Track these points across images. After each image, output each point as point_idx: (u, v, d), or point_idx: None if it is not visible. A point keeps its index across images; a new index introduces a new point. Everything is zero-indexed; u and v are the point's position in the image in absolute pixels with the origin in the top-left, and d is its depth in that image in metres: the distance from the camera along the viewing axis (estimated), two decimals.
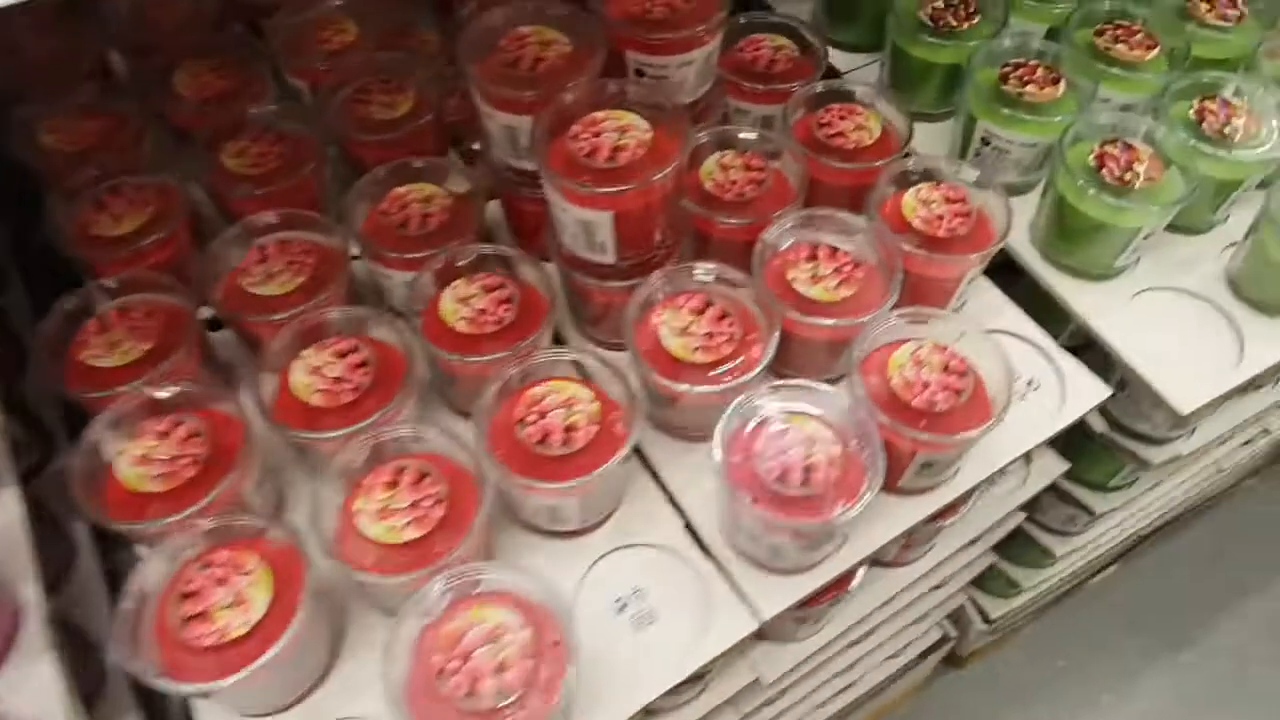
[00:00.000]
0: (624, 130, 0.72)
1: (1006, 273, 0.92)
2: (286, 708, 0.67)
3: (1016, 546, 1.18)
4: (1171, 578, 1.66)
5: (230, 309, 0.77)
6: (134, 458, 0.68)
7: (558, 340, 0.86)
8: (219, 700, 0.67)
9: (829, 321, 0.74)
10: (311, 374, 0.72)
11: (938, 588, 1.05)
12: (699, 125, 0.88)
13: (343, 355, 0.73)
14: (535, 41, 0.77)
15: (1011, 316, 0.88)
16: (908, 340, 0.74)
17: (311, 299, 0.76)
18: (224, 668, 0.59)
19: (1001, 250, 0.83)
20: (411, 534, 0.63)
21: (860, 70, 1.09)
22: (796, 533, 0.68)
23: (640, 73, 0.82)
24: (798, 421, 0.70)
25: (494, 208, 0.93)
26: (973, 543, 0.99)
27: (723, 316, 0.74)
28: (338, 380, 0.71)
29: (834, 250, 0.78)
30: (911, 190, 0.83)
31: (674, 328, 0.74)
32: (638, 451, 0.80)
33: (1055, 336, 0.95)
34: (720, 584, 0.73)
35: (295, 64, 0.95)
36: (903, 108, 0.89)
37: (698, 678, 0.74)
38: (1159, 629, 1.62)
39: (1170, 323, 0.89)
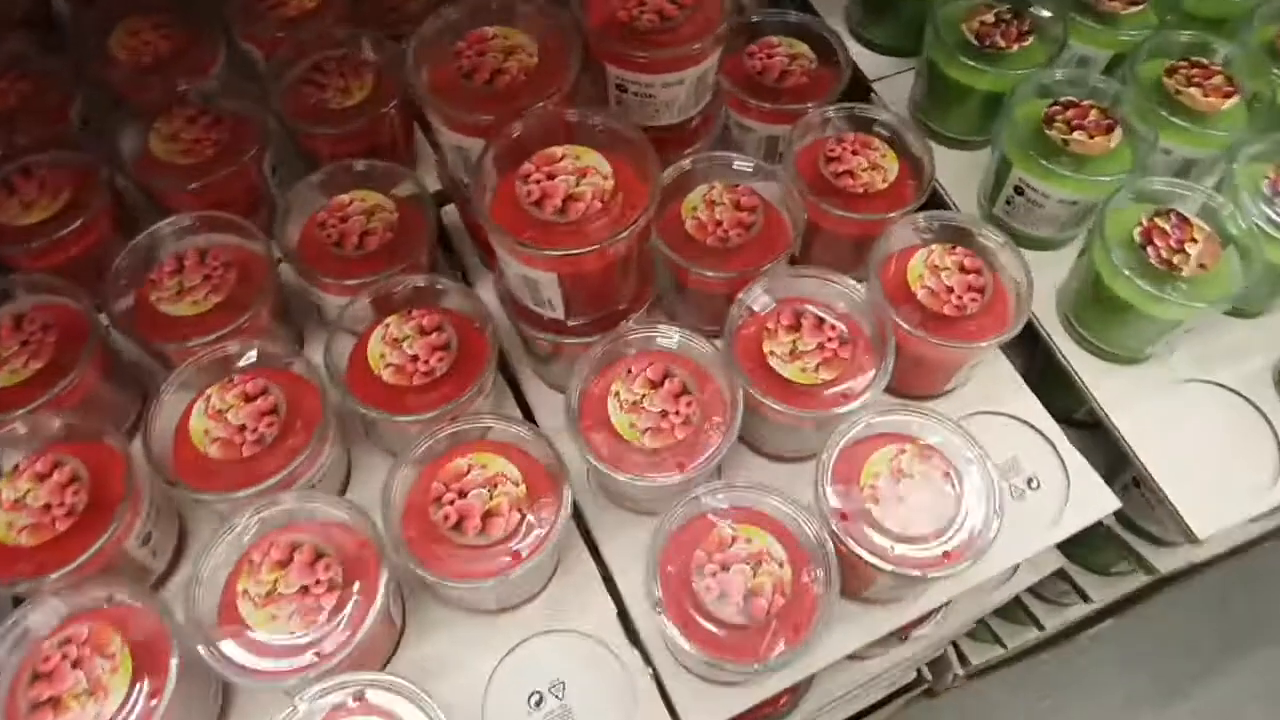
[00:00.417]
0: (582, 175, 0.61)
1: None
2: None
3: (1004, 607, 1.09)
4: (1171, 622, 1.58)
5: (137, 330, 0.69)
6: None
7: (503, 366, 0.78)
8: None
9: (798, 412, 0.64)
10: (213, 418, 0.64)
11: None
12: (689, 146, 0.77)
13: (249, 399, 0.65)
14: (498, 49, 0.66)
15: (1020, 398, 0.78)
16: (887, 441, 0.64)
17: (230, 322, 0.68)
18: None
19: None
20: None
21: (891, 79, 0.96)
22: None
23: (622, 88, 0.70)
24: (747, 533, 0.61)
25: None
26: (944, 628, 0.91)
27: (681, 393, 0.65)
28: (241, 428, 0.64)
29: (821, 321, 0.68)
30: (922, 251, 0.72)
31: (624, 401, 0.65)
32: (578, 519, 0.72)
33: (1071, 411, 0.85)
34: (647, 690, 0.66)
35: (248, 27, 0.84)
36: (926, 144, 0.77)
37: None
38: (1153, 675, 1.54)
39: (1202, 423, 0.78)
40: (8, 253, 0.72)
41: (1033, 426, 0.77)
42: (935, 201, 0.86)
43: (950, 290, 0.70)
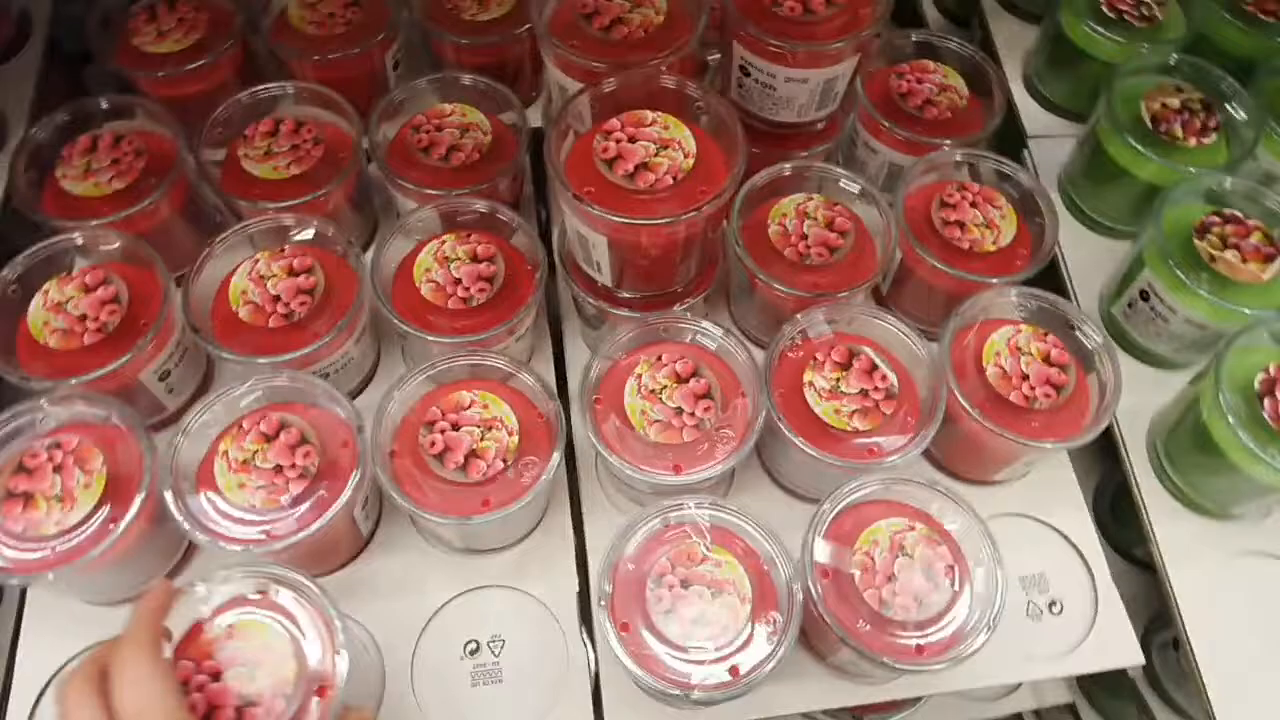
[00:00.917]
0: (665, 145, 0.58)
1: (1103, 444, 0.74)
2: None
3: None
4: None
5: (220, 180, 0.71)
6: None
7: (554, 321, 0.77)
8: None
9: (815, 452, 0.60)
10: (255, 281, 0.65)
11: None
12: (802, 150, 0.73)
13: (292, 273, 0.66)
14: (630, 1, 0.64)
15: (1072, 514, 0.71)
16: (899, 512, 0.60)
17: (302, 194, 0.69)
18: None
19: None
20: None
21: (1052, 140, 0.87)
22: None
23: (745, 71, 0.67)
24: (721, 556, 0.58)
25: None
26: None
27: (703, 396, 0.62)
28: (275, 299, 0.64)
29: (873, 368, 0.63)
30: (1009, 328, 0.66)
31: (644, 386, 0.62)
32: (573, 489, 0.70)
33: (1129, 545, 0.78)
34: (581, 675, 0.64)
35: None
36: (1055, 218, 0.70)
37: None
38: None
39: (1268, 607, 0.69)
40: (133, 74, 0.75)
41: (1076, 548, 0.70)
42: (1052, 278, 0.79)
43: (1025, 378, 0.64)
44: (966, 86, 0.77)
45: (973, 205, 0.71)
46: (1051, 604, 0.68)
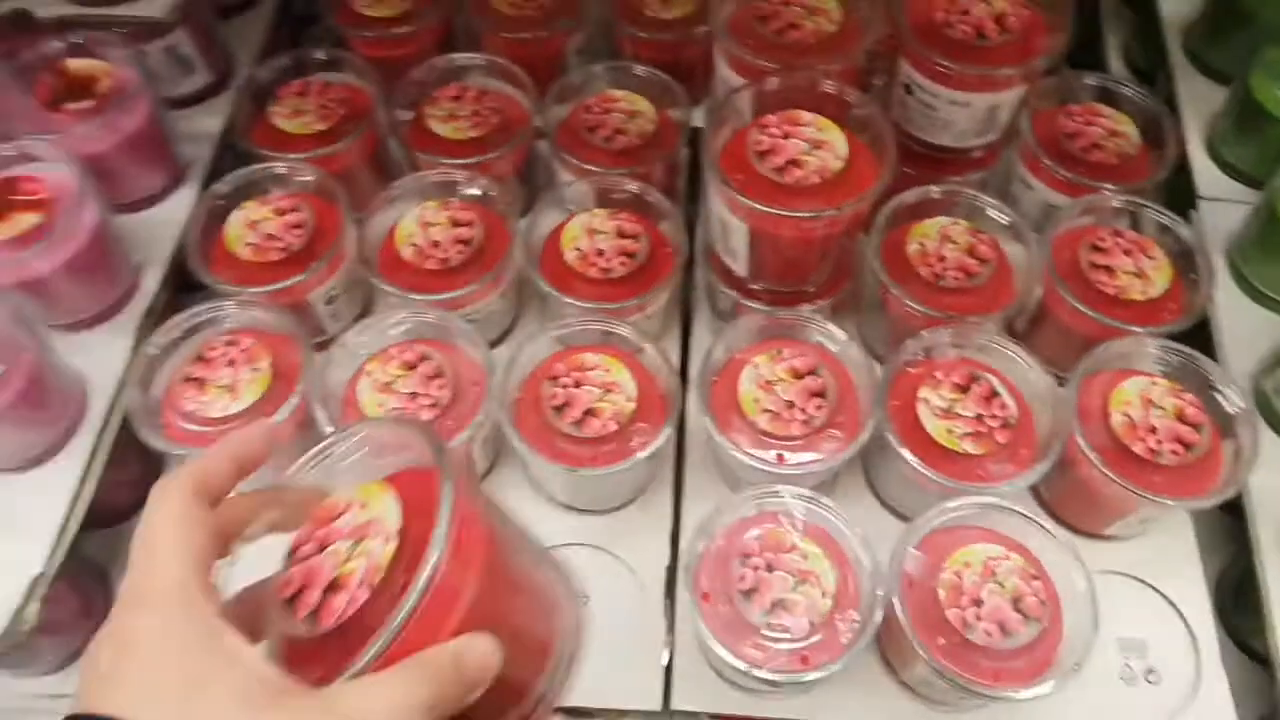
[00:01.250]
0: (817, 146, 0.61)
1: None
2: None
3: None
4: None
5: (405, 135, 0.78)
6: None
7: (686, 308, 0.80)
8: None
9: (920, 466, 0.60)
10: (421, 226, 0.71)
11: None
12: (956, 175, 0.73)
13: (455, 224, 0.72)
14: (803, 6, 0.66)
15: (1187, 585, 0.68)
16: (998, 540, 0.59)
17: (475, 154, 0.75)
18: None
19: None
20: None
21: (1225, 205, 0.84)
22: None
23: (909, 89, 0.68)
24: (809, 549, 0.59)
25: None
26: None
27: (818, 394, 0.63)
28: (435, 244, 0.70)
29: (993, 395, 0.63)
30: (1144, 379, 0.64)
31: (760, 375, 0.64)
32: (679, 465, 0.73)
33: (1247, 634, 0.73)
34: (656, 648, 0.66)
35: None
36: (1212, 278, 0.68)
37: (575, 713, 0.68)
38: None
39: None
40: (346, 32, 0.83)
41: (1184, 620, 0.67)
42: (1201, 341, 0.76)
43: (1153, 430, 0.62)
44: (1139, 136, 0.76)
45: (1125, 253, 0.69)
46: (1149, 672, 0.65)
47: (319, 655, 0.34)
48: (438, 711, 0.32)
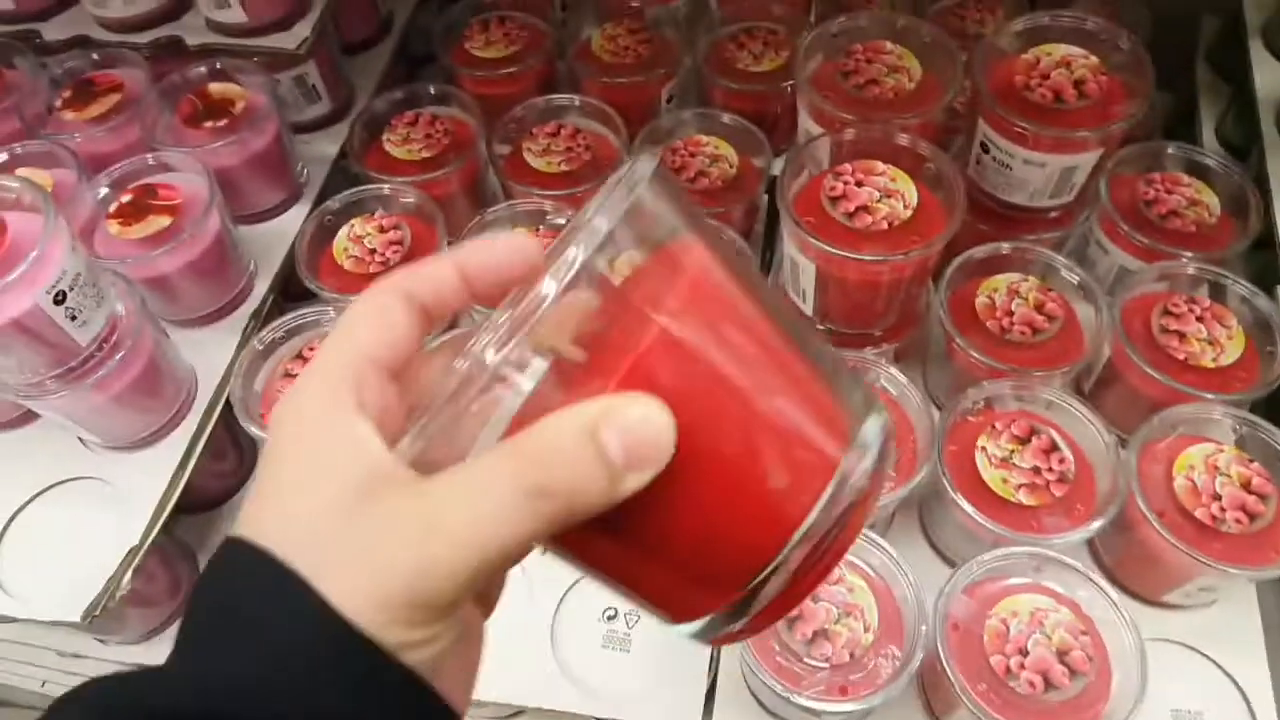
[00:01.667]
0: (889, 195, 0.63)
1: None
2: None
3: None
4: None
5: (504, 168, 0.83)
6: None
7: None
8: None
9: (973, 512, 0.61)
10: None
11: None
12: (1029, 234, 0.75)
13: None
14: (886, 64, 0.70)
15: (1250, 662, 0.66)
16: (1048, 594, 0.59)
17: (566, 187, 0.79)
18: None
19: None
20: None
21: None
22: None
23: (985, 148, 0.70)
24: (854, 582, 0.60)
25: None
26: None
27: None
28: None
29: (1053, 449, 0.64)
30: (1210, 446, 0.64)
31: None
32: None
33: None
34: (701, 670, 0.67)
35: None
36: None
37: None
38: None
39: None
40: (457, 71, 0.90)
41: (1245, 697, 0.65)
42: (1274, 411, 0.75)
43: (1216, 498, 0.62)
44: (1220, 206, 0.76)
45: (1199, 319, 0.69)
46: None
47: None
48: (558, 503, 0.23)
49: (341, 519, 0.24)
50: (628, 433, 0.23)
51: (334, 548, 0.24)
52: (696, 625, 0.27)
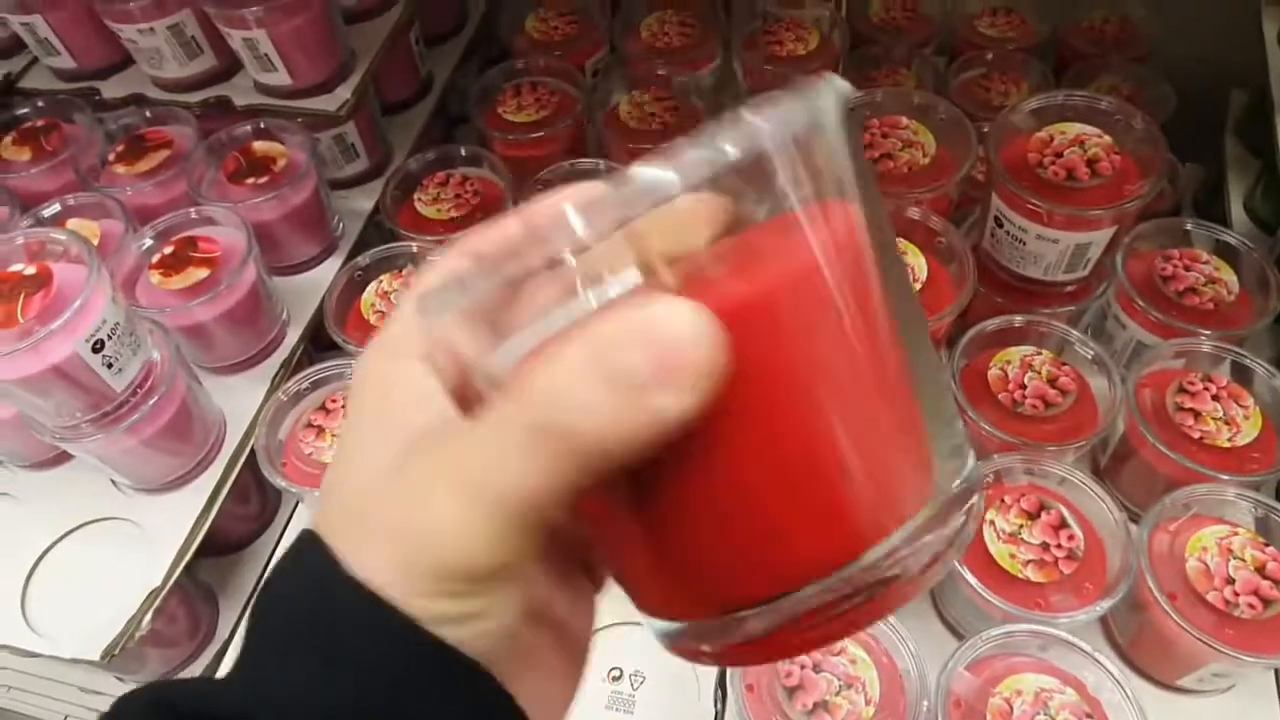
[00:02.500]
0: None
1: None
2: None
3: None
4: None
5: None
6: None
7: None
8: None
9: (979, 587, 0.61)
10: None
11: None
12: (1044, 308, 0.75)
13: None
14: (900, 139, 0.71)
15: None
16: (1054, 673, 0.58)
17: None
18: None
19: None
20: None
21: None
22: None
23: (999, 223, 0.71)
24: (857, 654, 0.60)
25: None
26: None
27: None
28: None
29: (1062, 525, 0.63)
30: (1224, 528, 0.63)
31: None
32: None
33: None
34: None
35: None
36: None
37: None
38: None
39: None
40: (490, 133, 0.93)
41: None
42: None
43: (1230, 581, 0.61)
44: (1239, 284, 0.76)
45: (1214, 398, 0.69)
46: None
47: None
48: (574, 443, 0.20)
49: (387, 482, 0.22)
50: (660, 344, 0.19)
51: (373, 516, 0.22)
52: (665, 625, 0.25)
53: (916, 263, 0.64)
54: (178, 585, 0.75)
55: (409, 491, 0.22)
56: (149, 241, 0.82)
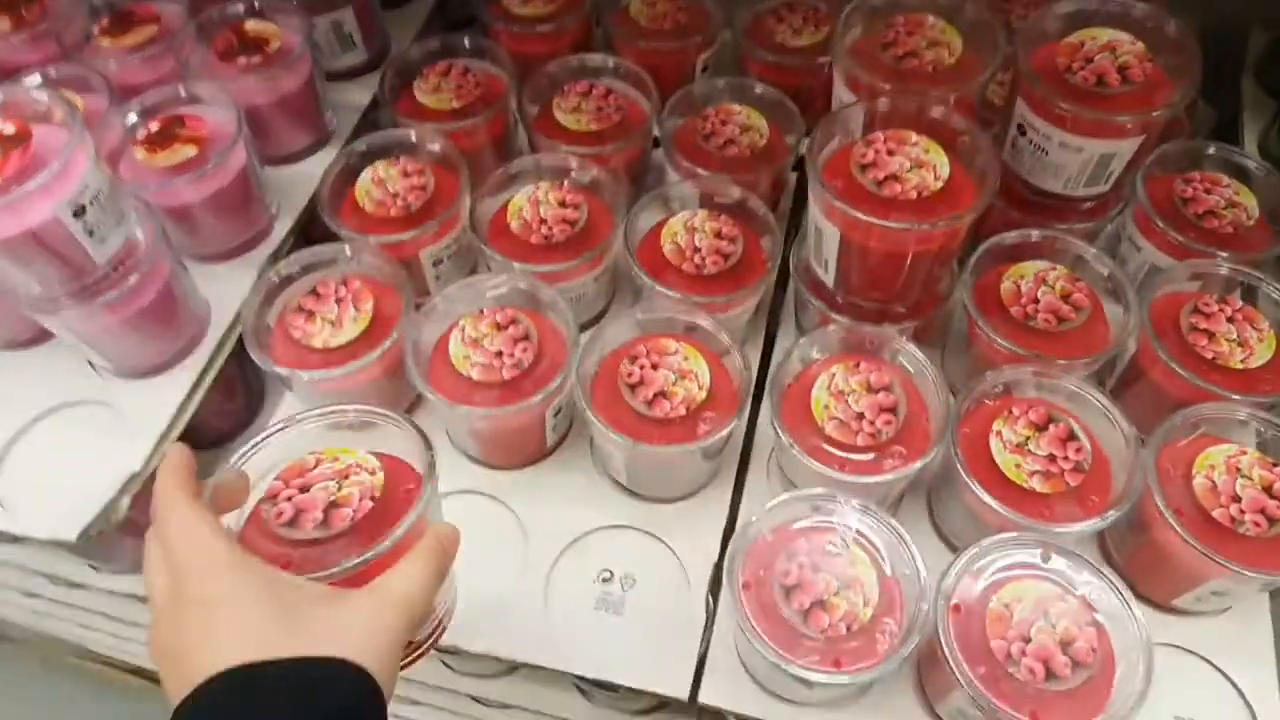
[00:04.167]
0: (920, 165, 0.62)
1: None
2: None
3: None
4: None
5: (533, 122, 0.83)
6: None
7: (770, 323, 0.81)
8: None
9: (982, 494, 0.59)
10: (533, 203, 0.76)
11: None
12: (1061, 223, 0.73)
13: (561, 204, 0.75)
14: (926, 36, 0.68)
15: (1256, 671, 0.64)
16: (1053, 584, 0.58)
17: (593, 145, 0.79)
18: None
19: None
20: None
21: None
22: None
23: (1022, 130, 0.69)
24: (856, 556, 0.59)
25: None
26: None
27: (886, 410, 0.63)
28: (543, 221, 0.74)
29: (1070, 437, 0.62)
30: (1232, 448, 0.62)
31: (834, 387, 0.65)
32: (741, 467, 0.74)
33: None
34: (693, 639, 0.66)
35: None
36: None
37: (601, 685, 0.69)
38: None
39: None
40: (493, 26, 0.90)
41: (1250, 708, 0.63)
42: None
43: (1236, 499, 0.60)
44: (1258, 209, 0.74)
45: (1229, 320, 0.67)
46: None
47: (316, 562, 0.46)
48: (440, 580, 0.45)
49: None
50: (451, 536, 0.49)
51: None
52: None
53: (939, 161, 0.62)
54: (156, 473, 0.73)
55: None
56: (134, 117, 0.78)
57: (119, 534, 0.75)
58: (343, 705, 0.37)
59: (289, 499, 0.49)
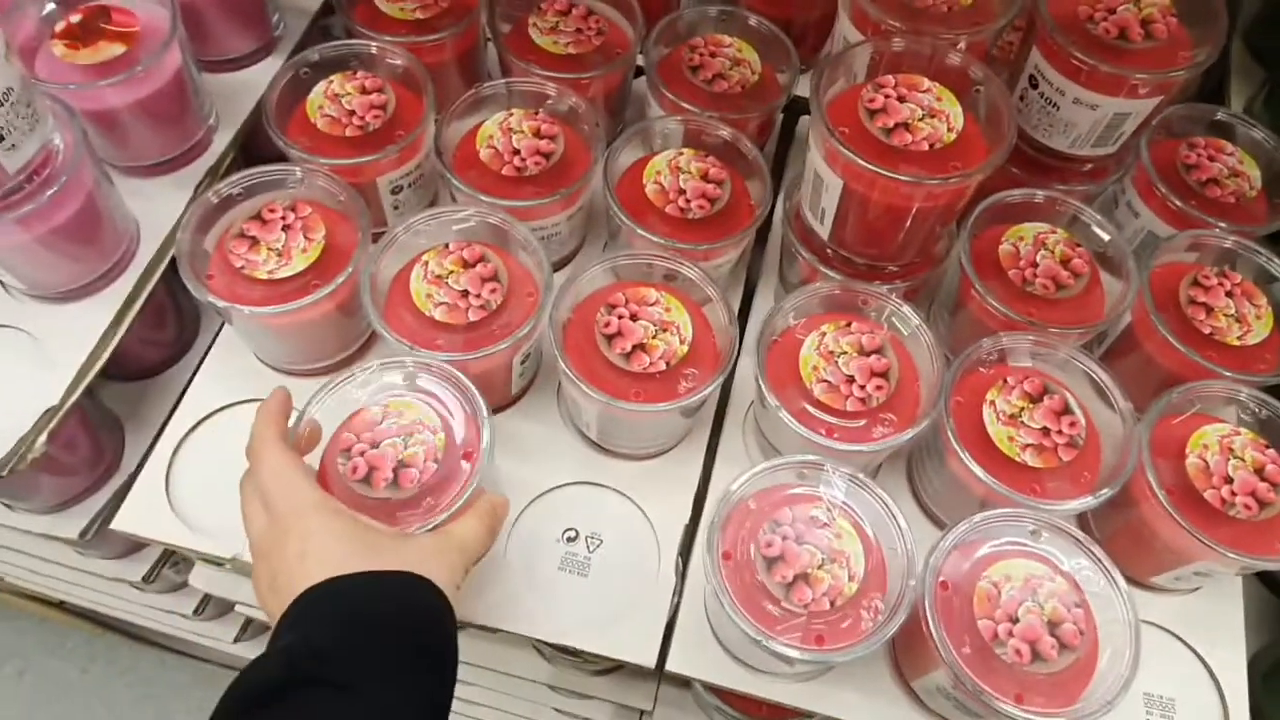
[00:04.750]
0: (932, 114, 0.57)
1: None
2: None
3: None
4: None
5: (506, 41, 0.76)
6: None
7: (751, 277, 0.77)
8: None
9: (973, 465, 0.57)
10: (504, 131, 0.69)
11: None
12: (1063, 183, 0.70)
13: (537, 134, 0.69)
14: None
15: (1226, 651, 0.64)
16: (1043, 562, 0.55)
17: (571, 71, 0.72)
18: None
19: None
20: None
21: None
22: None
23: (1034, 83, 0.65)
24: (842, 529, 0.55)
25: None
26: None
27: (878, 375, 0.60)
28: (515, 152, 0.68)
29: (1065, 410, 0.60)
30: (1225, 427, 0.60)
31: (823, 347, 0.61)
32: (716, 426, 0.70)
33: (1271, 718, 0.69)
34: (662, 603, 0.63)
35: None
36: None
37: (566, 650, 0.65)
38: None
39: None
40: None
41: (1219, 687, 0.63)
42: None
43: (1228, 480, 0.58)
44: (1261, 180, 0.72)
45: (1228, 294, 0.65)
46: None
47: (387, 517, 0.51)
48: (493, 540, 0.52)
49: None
50: (504, 503, 0.55)
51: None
52: None
53: (952, 111, 0.57)
54: (78, 407, 0.66)
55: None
56: (51, 6, 0.69)
57: (38, 471, 0.69)
58: (419, 601, 0.45)
59: (361, 454, 0.53)
